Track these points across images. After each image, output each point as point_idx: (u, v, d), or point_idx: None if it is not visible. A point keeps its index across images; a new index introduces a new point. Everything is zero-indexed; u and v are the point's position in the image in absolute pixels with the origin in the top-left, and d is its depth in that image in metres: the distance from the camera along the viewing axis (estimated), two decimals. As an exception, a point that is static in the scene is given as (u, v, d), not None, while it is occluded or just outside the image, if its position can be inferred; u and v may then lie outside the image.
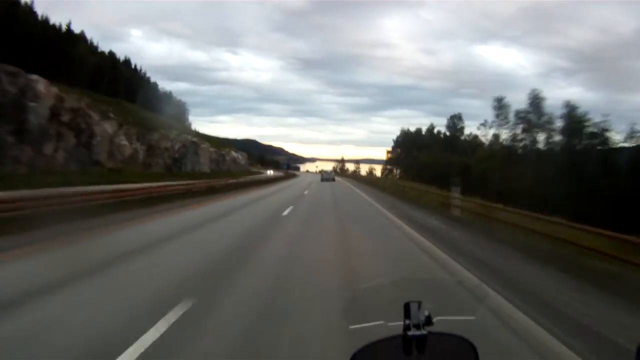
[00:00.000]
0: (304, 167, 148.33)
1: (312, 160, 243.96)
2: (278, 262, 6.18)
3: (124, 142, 36.31)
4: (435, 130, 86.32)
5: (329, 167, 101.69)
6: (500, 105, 50.23)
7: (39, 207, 9.44)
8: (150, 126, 41.95)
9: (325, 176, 48.52)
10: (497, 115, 50.35)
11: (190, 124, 78.96)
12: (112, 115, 35.74)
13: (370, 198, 21.87)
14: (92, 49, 51.89)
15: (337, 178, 57.31)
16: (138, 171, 34.81)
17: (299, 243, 8.05)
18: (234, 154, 72.80)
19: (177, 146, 45.92)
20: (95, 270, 5.22)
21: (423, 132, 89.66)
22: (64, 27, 46.51)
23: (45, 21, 44.69)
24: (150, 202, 13.80)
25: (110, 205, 11.80)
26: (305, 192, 25.04)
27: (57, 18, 69.08)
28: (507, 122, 49.39)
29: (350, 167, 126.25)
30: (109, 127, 34.14)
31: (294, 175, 69.02)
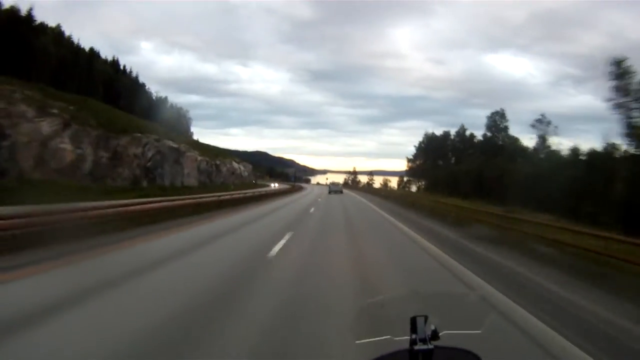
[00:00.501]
0: (314, 179, 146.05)
1: (324, 172, 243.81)
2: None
3: (65, 145, 28.63)
4: (468, 133, 74.42)
5: (340, 179, 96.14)
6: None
7: None
8: (118, 128, 35.36)
9: (333, 188, 48.30)
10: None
11: (191, 134, 76.78)
12: (55, 111, 29.18)
13: (407, 225, 14.16)
14: (60, 40, 48.15)
15: (350, 192, 52.98)
16: (73, 185, 25.83)
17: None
18: (235, 164, 66.65)
19: (150, 153, 37.44)
20: None
21: (452, 136, 77.99)
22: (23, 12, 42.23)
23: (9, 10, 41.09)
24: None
25: None
26: (311, 210, 19.86)
27: (69, 29, 67.99)
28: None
29: (363, 179, 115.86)
30: (46, 126, 27.28)
31: (301, 189, 62.11)
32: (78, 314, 4.09)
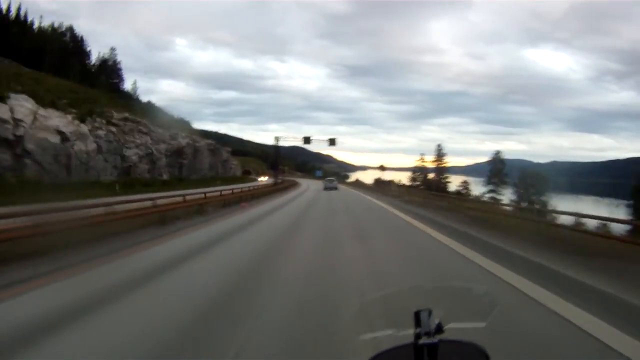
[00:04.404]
0: (354, 176, 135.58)
1: (363, 168, 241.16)
2: None
3: None
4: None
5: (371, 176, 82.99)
6: None
7: None
8: None
9: (327, 185, 47.66)
10: None
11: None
12: None
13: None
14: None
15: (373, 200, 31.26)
16: None
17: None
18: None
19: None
20: None
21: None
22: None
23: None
24: None
25: None
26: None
27: (102, 28, 69.30)
28: None
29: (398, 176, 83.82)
30: None
31: (292, 187, 50.42)
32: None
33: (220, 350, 3.36)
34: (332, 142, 53.43)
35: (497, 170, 54.06)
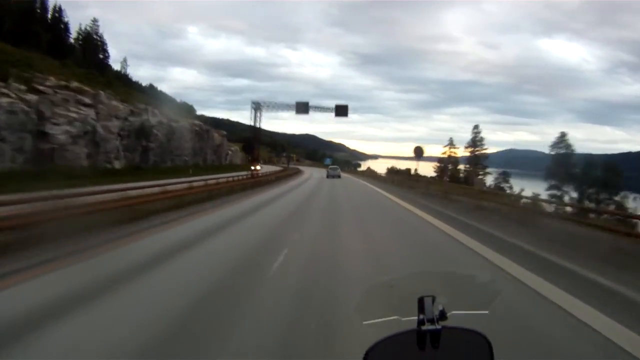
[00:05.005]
0: (364, 165, 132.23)
1: (375, 157, 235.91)
2: None
3: None
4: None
5: (386, 165, 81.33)
6: None
7: None
8: None
9: (331, 173, 48.01)
10: None
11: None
12: None
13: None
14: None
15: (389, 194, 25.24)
16: None
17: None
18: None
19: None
20: None
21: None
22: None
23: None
24: None
25: None
26: None
27: (113, 17, 59.47)
28: None
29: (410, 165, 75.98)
30: None
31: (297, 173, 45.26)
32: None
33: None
34: (340, 110, 41.38)
35: (563, 160, 39.45)
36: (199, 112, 75.34)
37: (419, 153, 36.92)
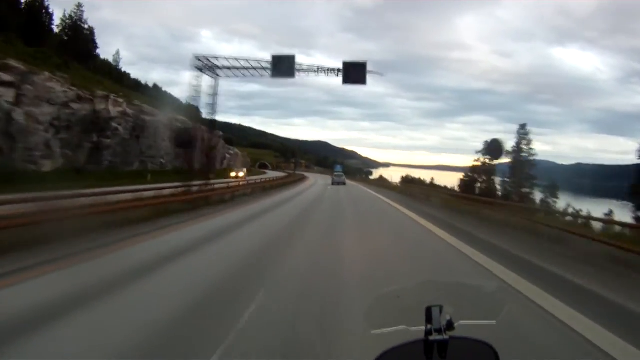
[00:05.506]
0: (377, 172, 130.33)
1: (387, 165, 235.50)
2: None
3: None
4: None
5: (400, 173, 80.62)
6: None
7: None
8: None
9: (336, 180, 47.94)
10: None
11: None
12: None
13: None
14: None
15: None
16: None
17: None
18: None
19: None
20: None
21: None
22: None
23: None
24: None
25: None
26: None
27: (127, 19, 57.61)
28: None
29: (422, 175, 72.54)
30: None
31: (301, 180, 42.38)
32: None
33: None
34: (351, 72, 16.93)
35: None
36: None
37: (495, 150, 27.95)
